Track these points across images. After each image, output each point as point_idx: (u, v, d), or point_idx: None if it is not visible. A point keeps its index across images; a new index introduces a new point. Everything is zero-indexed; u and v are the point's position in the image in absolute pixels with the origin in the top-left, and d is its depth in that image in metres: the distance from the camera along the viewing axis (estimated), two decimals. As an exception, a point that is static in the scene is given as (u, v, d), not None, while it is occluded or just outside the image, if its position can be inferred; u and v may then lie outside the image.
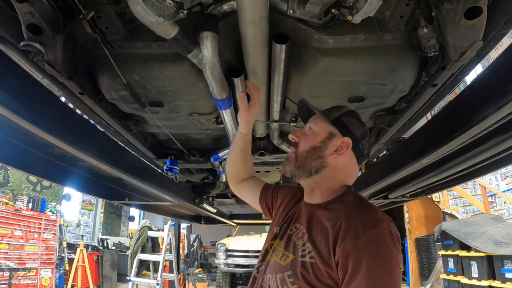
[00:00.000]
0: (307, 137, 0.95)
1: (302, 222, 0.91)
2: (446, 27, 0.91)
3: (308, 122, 0.99)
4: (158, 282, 5.06)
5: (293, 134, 0.98)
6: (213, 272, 10.43)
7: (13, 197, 6.94)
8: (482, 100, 0.88)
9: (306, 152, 0.92)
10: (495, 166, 1.51)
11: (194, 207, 3.05)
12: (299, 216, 0.94)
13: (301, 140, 0.96)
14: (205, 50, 1.03)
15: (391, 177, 1.70)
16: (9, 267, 5.46)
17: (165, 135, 1.88)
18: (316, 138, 0.93)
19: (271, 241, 0.98)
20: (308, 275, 0.77)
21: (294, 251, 0.84)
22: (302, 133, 0.98)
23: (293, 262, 0.82)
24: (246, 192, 1.28)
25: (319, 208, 0.90)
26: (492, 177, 6.97)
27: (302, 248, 0.83)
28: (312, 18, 0.98)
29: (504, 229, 4.19)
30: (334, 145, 0.91)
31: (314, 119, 0.98)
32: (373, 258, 0.70)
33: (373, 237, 0.72)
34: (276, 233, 0.98)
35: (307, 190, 0.97)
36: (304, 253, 0.81)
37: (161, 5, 0.88)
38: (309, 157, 0.91)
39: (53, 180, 1.61)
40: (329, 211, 0.86)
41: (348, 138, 0.91)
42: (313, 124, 0.96)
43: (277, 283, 0.82)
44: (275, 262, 0.88)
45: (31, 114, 0.85)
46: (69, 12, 0.98)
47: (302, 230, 0.88)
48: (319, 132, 0.93)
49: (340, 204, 0.86)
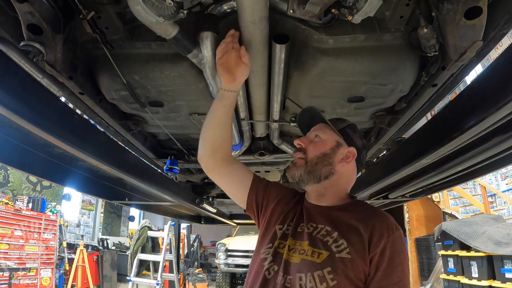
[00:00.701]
0: (316, 144, 0.98)
1: (320, 221, 0.92)
2: (446, 27, 0.91)
3: (313, 130, 1.03)
4: (158, 282, 5.06)
5: (300, 140, 1.00)
6: (213, 272, 10.44)
7: (13, 197, 6.94)
8: (482, 100, 0.88)
9: (317, 158, 0.95)
10: (495, 166, 1.51)
11: (194, 207, 3.05)
12: (311, 216, 0.96)
13: (309, 146, 0.98)
14: (205, 50, 1.03)
15: (391, 177, 1.70)
16: (9, 267, 5.46)
17: (165, 135, 1.87)
18: (326, 145, 0.97)
19: (279, 240, 0.93)
20: (347, 270, 0.81)
21: (326, 247, 0.85)
22: (308, 140, 1.00)
23: (329, 258, 0.83)
24: (230, 177, 1.10)
25: (335, 210, 0.95)
26: (492, 177, 6.97)
27: (336, 245, 0.85)
28: (312, 18, 0.98)
29: (504, 229, 4.19)
30: (342, 153, 0.97)
31: (320, 128, 1.01)
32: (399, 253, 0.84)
33: (398, 237, 0.85)
34: (284, 232, 0.96)
35: (315, 195, 1.00)
36: (339, 249, 0.84)
37: (161, 5, 0.88)
38: (320, 163, 0.95)
39: (53, 180, 1.61)
40: (351, 212, 0.92)
41: (353, 148, 0.97)
42: (321, 132, 1.00)
43: (315, 281, 0.80)
44: (303, 260, 0.85)
45: (31, 114, 0.85)
46: (69, 12, 0.98)
47: (325, 228, 0.90)
48: (328, 140, 0.98)
49: (359, 207, 0.95)
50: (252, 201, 1.08)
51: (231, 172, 1.10)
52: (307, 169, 0.95)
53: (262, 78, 1.23)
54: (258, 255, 0.96)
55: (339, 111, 1.53)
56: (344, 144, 0.98)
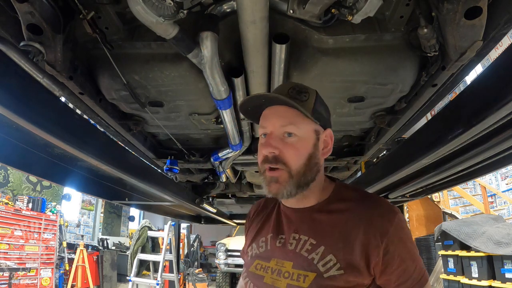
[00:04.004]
0: (294, 147, 0.74)
1: (302, 231, 0.79)
2: (446, 27, 0.91)
3: (278, 124, 0.75)
4: (158, 282, 5.06)
5: (268, 146, 0.74)
6: (213, 272, 10.43)
7: (13, 197, 6.94)
8: (482, 100, 0.88)
9: (305, 166, 0.75)
10: (495, 166, 1.51)
11: (194, 207, 3.05)
12: (292, 224, 0.81)
13: (286, 151, 0.74)
14: (205, 50, 1.03)
15: (391, 177, 1.70)
16: (9, 267, 5.45)
17: (165, 135, 1.87)
18: (307, 145, 0.76)
19: (253, 263, 0.83)
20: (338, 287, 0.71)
21: (312, 268, 0.73)
22: (279, 141, 0.75)
23: (317, 280, 0.71)
24: None
25: (317, 211, 0.79)
26: (492, 177, 6.97)
27: (322, 263, 0.72)
28: (312, 18, 0.98)
29: (504, 229, 4.19)
30: (322, 142, 0.79)
31: (290, 119, 0.75)
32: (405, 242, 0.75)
33: (398, 225, 0.74)
34: (254, 253, 0.85)
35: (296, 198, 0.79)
36: (327, 267, 0.72)
37: (161, 5, 0.88)
38: (308, 171, 0.75)
39: (53, 180, 1.61)
40: (335, 213, 0.77)
41: (329, 129, 0.81)
42: (294, 128, 0.75)
43: None
44: (289, 285, 0.74)
45: (31, 114, 0.85)
46: (69, 12, 0.98)
47: (309, 241, 0.76)
48: (306, 136, 0.76)
49: (342, 203, 0.78)
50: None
51: None
52: (295, 183, 0.74)
53: (262, 78, 1.23)
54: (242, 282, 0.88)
55: (339, 111, 1.53)
56: (320, 129, 0.78)
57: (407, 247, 0.75)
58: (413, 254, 0.76)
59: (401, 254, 0.73)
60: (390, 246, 0.72)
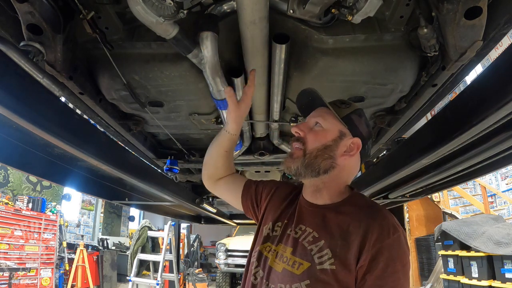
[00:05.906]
0: (316, 134, 0.87)
1: (309, 224, 0.85)
2: (446, 27, 0.91)
3: (313, 116, 0.91)
4: (158, 282, 5.06)
5: (297, 128, 0.89)
6: (213, 272, 10.43)
7: (13, 197, 6.93)
8: (482, 100, 0.88)
9: (317, 150, 0.85)
10: (495, 166, 1.51)
11: (194, 207, 3.05)
12: (302, 217, 0.88)
13: (309, 135, 0.87)
14: (205, 50, 1.03)
15: (391, 177, 1.70)
16: (9, 267, 5.45)
17: (165, 135, 1.87)
18: (327, 135, 0.86)
19: (265, 243, 0.90)
20: (328, 282, 0.75)
21: (308, 258, 0.79)
22: (307, 127, 0.89)
23: (310, 270, 0.77)
24: (224, 190, 1.15)
25: (328, 210, 0.86)
26: (492, 177, 6.97)
27: (318, 255, 0.78)
28: (312, 18, 0.98)
29: (504, 229, 4.19)
30: (345, 145, 0.86)
31: (322, 114, 0.89)
32: (395, 260, 0.74)
33: (395, 241, 0.75)
34: (268, 234, 0.92)
35: (311, 189, 0.90)
36: (322, 260, 0.77)
37: (161, 5, 0.88)
38: (320, 156, 0.84)
39: (53, 180, 1.61)
40: (343, 214, 0.82)
41: (358, 139, 0.87)
42: (322, 120, 0.88)
43: None
44: (284, 270, 0.80)
45: (31, 114, 0.85)
46: (69, 12, 0.98)
47: (312, 233, 0.82)
48: (330, 129, 0.87)
49: (352, 207, 0.84)
50: (248, 207, 1.08)
51: (223, 185, 1.15)
52: (304, 162, 0.85)
53: (262, 78, 1.23)
54: (249, 257, 0.94)
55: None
56: (348, 133, 0.87)
57: (395, 266, 0.74)
58: (396, 277, 0.73)
59: (386, 269, 0.73)
60: (378, 255, 0.73)
